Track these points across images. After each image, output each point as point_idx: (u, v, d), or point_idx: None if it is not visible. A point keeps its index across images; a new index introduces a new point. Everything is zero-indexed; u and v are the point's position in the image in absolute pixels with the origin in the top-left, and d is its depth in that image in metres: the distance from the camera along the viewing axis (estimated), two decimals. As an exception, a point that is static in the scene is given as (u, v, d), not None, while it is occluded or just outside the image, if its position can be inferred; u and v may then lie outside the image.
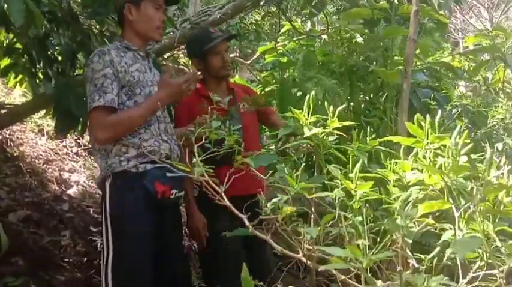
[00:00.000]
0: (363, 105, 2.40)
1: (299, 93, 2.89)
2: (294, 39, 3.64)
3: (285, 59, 3.67)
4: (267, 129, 3.40)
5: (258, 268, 2.55)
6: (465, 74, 3.74)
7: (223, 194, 1.08)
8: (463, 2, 2.71)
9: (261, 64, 5.36)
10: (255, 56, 4.46)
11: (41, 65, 2.99)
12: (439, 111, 2.69)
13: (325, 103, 1.19)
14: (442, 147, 0.97)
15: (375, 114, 2.27)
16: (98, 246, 3.32)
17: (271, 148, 3.80)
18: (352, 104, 2.33)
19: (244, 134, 2.50)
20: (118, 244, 2.03)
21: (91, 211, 3.75)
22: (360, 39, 3.08)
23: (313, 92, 1.18)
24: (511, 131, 2.45)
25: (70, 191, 3.91)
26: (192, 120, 2.30)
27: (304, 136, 1.15)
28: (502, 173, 0.92)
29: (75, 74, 3.05)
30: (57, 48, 3.01)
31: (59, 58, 3.00)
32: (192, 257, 3.68)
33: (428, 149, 0.98)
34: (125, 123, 2.07)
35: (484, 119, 2.72)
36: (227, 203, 1.08)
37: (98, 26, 3.11)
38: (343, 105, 2.32)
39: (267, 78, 4.10)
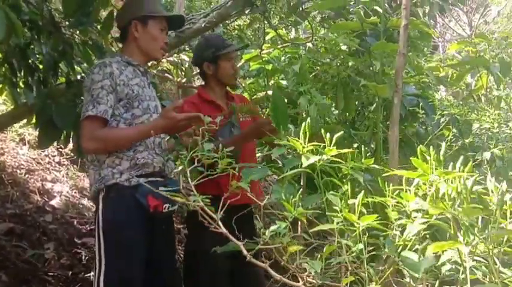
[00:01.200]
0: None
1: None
2: (279, 46, 3.63)
3: (270, 66, 3.67)
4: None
5: (250, 281, 2.53)
6: (448, 80, 3.78)
7: (220, 222, 1.06)
8: (447, 10, 2.74)
9: (244, 71, 5.34)
10: (240, 63, 4.46)
11: (22, 74, 2.93)
12: (427, 120, 2.67)
13: (322, 130, 1.17)
14: (447, 180, 0.96)
15: (365, 124, 2.26)
16: (83, 258, 3.26)
17: (257, 155, 3.80)
18: (341, 114, 2.32)
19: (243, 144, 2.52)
20: (110, 254, 2.03)
21: (75, 222, 3.68)
22: (344, 47, 3.10)
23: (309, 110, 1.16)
24: (498, 139, 2.47)
25: (53, 202, 3.84)
26: None
27: (303, 166, 1.13)
28: (505, 201, 0.92)
29: (57, 83, 3.00)
30: (38, 57, 2.96)
31: (40, 67, 2.95)
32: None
33: (433, 181, 0.96)
34: (114, 141, 2.10)
35: (469, 126, 2.74)
36: (223, 230, 1.06)
37: (80, 35, 3.05)
38: (337, 114, 2.31)
39: (252, 85, 4.10)
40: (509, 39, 4.23)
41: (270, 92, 3.60)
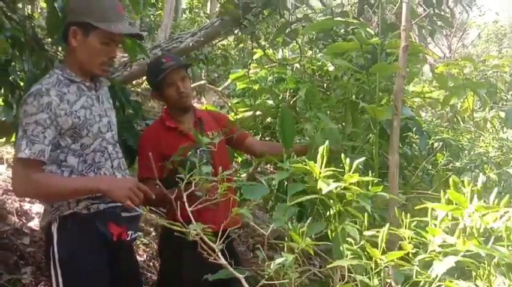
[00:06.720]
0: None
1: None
2: (266, 66, 3.61)
3: (256, 86, 3.64)
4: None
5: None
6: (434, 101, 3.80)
7: (219, 252, 0.99)
8: (438, 32, 2.76)
9: (230, 90, 5.32)
10: (226, 83, 4.42)
11: (2, 91, 2.84)
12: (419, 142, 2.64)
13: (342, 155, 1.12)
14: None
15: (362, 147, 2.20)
16: (62, 283, 3.13)
17: (243, 176, 3.74)
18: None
19: (215, 163, 2.40)
20: None
21: (54, 245, 3.54)
22: (332, 68, 3.08)
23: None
24: (493, 163, 2.45)
25: (31, 224, 3.70)
26: (157, 152, 2.17)
27: (323, 193, 1.07)
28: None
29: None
30: (19, 74, 2.88)
31: (21, 84, 2.87)
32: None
33: (469, 216, 0.91)
34: (49, 190, 1.84)
35: (458, 149, 2.72)
36: (223, 261, 0.99)
37: (63, 52, 2.99)
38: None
39: (237, 105, 4.06)
40: (492, 61, 4.28)
41: (258, 112, 3.57)
